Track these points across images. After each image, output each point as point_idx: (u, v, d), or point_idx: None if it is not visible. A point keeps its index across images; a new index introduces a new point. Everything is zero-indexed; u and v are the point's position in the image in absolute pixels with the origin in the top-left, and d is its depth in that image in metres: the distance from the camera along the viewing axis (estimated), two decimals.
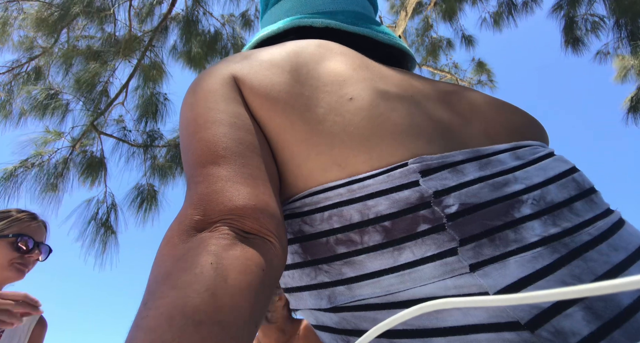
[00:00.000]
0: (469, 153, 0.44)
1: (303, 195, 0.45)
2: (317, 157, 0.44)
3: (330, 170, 0.44)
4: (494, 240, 0.38)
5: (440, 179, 0.41)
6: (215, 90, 0.48)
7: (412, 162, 0.42)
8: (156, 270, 0.34)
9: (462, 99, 0.53)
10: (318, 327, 0.46)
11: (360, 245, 0.40)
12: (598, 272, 0.37)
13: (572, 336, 0.33)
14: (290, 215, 0.46)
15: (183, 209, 0.39)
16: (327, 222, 0.43)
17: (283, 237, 0.40)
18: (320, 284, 0.43)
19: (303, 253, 0.44)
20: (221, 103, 0.47)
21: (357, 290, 0.40)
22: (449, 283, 0.37)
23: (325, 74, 0.50)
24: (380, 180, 0.41)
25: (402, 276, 0.38)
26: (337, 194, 0.43)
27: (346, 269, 0.41)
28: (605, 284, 0.19)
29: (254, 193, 0.39)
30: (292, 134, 0.46)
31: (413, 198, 0.40)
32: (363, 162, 0.43)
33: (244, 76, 0.50)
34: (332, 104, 0.46)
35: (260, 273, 0.35)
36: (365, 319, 0.40)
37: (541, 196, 0.41)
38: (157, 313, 0.30)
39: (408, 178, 0.41)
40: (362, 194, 0.42)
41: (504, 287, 0.36)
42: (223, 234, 0.35)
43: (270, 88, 0.48)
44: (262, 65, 0.51)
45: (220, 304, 0.30)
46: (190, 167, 0.43)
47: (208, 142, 0.43)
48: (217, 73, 0.51)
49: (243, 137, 0.44)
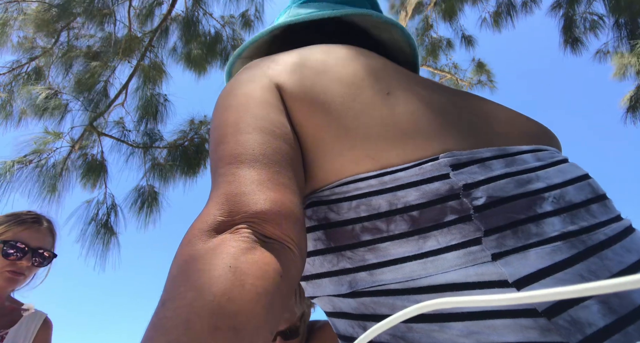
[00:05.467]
0: (496, 151, 0.46)
1: (334, 185, 0.46)
2: (350, 151, 0.46)
3: (362, 163, 0.45)
4: (516, 232, 0.40)
5: (469, 173, 0.43)
6: (257, 96, 0.50)
7: (443, 157, 0.44)
8: (175, 269, 0.34)
9: (482, 105, 0.57)
10: (334, 314, 0.47)
11: (385, 233, 0.42)
12: (613, 270, 0.39)
13: (589, 326, 0.35)
14: (317, 203, 0.47)
15: (207, 208, 0.39)
16: (354, 211, 0.44)
17: (303, 246, 0.41)
18: (342, 270, 0.44)
19: (326, 240, 0.46)
20: (263, 110, 0.48)
21: (379, 276, 0.42)
22: (470, 271, 0.38)
23: (361, 71, 0.52)
24: (411, 172, 0.43)
25: (424, 263, 0.40)
26: (368, 185, 0.44)
27: (369, 255, 0.42)
28: (608, 283, 0.19)
29: (281, 199, 0.39)
30: (328, 131, 0.47)
31: (443, 189, 0.42)
32: (396, 155, 0.45)
33: (284, 82, 0.52)
34: (370, 98, 0.49)
35: (278, 279, 0.35)
36: (383, 304, 0.41)
37: (561, 195, 0.43)
38: (174, 315, 0.30)
39: (439, 171, 0.43)
40: (393, 185, 0.43)
41: (524, 276, 0.37)
42: (243, 237, 0.36)
43: (308, 92, 0.50)
44: (299, 71, 0.53)
45: (237, 309, 0.30)
46: (221, 166, 0.43)
47: (246, 146, 0.43)
48: (258, 78, 0.52)
49: (280, 146, 0.45)
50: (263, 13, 5.42)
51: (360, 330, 0.43)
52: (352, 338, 0.44)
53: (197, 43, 5.13)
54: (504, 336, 0.36)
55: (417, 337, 0.39)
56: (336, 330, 0.47)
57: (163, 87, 5.11)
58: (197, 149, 4.99)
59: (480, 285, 0.38)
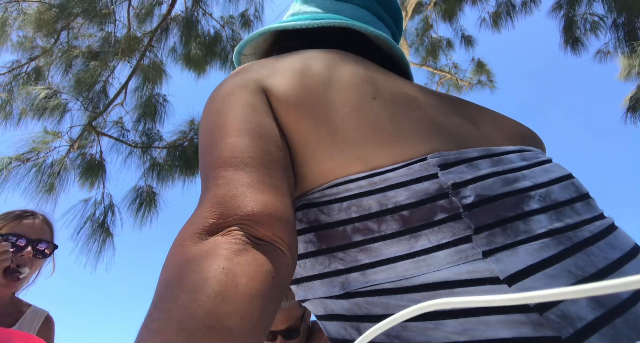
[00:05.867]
0: (483, 151, 0.47)
1: (323, 187, 0.47)
2: (340, 153, 0.47)
3: (352, 165, 0.46)
4: (505, 230, 0.41)
5: (457, 173, 0.44)
6: (244, 99, 0.50)
7: (431, 157, 0.45)
8: (167, 271, 0.34)
9: (469, 108, 0.58)
10: (326, 317, 0.47)
11: (377, 233, 0.42)
12: (599, 265, 0.40)
13: (579, 320, 0.36)
14: (308, 205, 0.48)
15: (198, 211, 0.39)
16: (345, 212, 0.45)
17: (294, 248, 0.41)
18: (334, 272, 0.44)
19: (318, 242, 0.46)
20: (251, 114, 0.48)
21: (372, 276, 0.42)
22: (462, 269, 0.39)
23: (347, 75, 0.53)
24: (401, 173, 0.44)
25: (417, 262, 0.40)
26: (358, 186, 0.45)
27: (361, 256, 0.43)
28: (600, 285, 0.19)
29: (272, 201, 0.40)
30: (317, 135, 0.48)
31: (432, 189, 0.43)
32: (385, 157, 0.46)
33: (271, 86, 0.52)
34: (356, 102, 0.50)
35: (270, 280, 0.35)
36: (377, 304, 0.41)
37: (546, 194, 0.45)
38: (167, 316, 0.30)
39: (428, 171, 0.44)
40: (383, 185, 0.44)
41: (514, 272, 0.38)
42: (235, 239, 0.36)
43: (296, 95, 0.51)
44: (287, 75, 0.53)
45: (231, 310, 0.30)
46: (211, 169, 0.43)
47: (235, 149, 0.44)
48: (246, 83, 0.53)
49: (269, 148, 0.45)
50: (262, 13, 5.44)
51: (354, 331, 0.43)
52: (345, 340, 0.44)
53: (196, 43, 5.14)
54: (497, 332, 0.36)
55: (411, 335, 0.39)
56: (328, 334, 0.47)
57: (162, 87, 5.13)
58: (196, 149, 4.99)
59: (472, 282, 0.38)
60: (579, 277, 0.39)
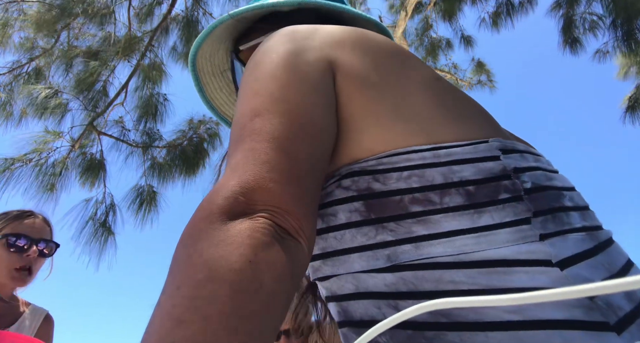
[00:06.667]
0: (525, 147, 0.50)
1: (381, 155, 0.46)
2: (405, 124, 0.47)
3: (416, 136, 0.46)
4: (555, 218, 0.43)
5: (515, 159, 0.46)
6: (313, 77, 0.48)
7: (492, 140, 0.47)
8: (189, 245, 0.34)
9: None
10: (354, 295, 0.45)
11: (439, 205, 0.42)
12: (618, 265, 0.43)
13: (619, 309, 0.38)
14: (360, 172, 0.46)
15: (230, 180, 0.38)
16: (404, 181, 0.44)
17: (313, 241, 0.42)
18: (380, 243, 0.43)
19: (366, 211, 0.44)
20: (321, 95, 0.47)
21: (426, 249, 0.41)
22: (522, 248, 0.40)
23: (404, 52, 0.55)
24: (467, 150, 0.45)
25: (478, 237, 0.41)
26: (421, 157, 0.45)
27: (418, 227, 0.42)
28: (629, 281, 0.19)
29: (304, 197, 0.40)
30: (381, 103, 0.48)
31: (496, 169, 0.44)
32: (450, 133, 0.46)
33: (336, 59, 0.51)
34: (422, 80, 0.51)
35: (290, 282, 0.35)
36: (427, 279, 0.40)
37: (571, 196, 0.48)
38: (192, 306, 0.30)
39: (491, 152, 0.45)
40: (448, 159, 0.44)
41: (565, 257, 0.40)
42: (263, 228, 0.35)
43: (362, 69, 0.50)
44: (349, 48, 0.52)
45: (255, 309, 0.31)
46: (258, 141, 0.41)
47: (288, 131, 0.42)
48: (312, 55, 0.51)
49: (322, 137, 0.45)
50: None
51: (390, 310, 0.41)
52: (373, 321, 0.42)
53: None
54: (551, 313, 0.37)
55: (463, 313, 0.38)
56: (348, 317, 0.45)
57: (163, 87, 5.11)
58: (196, 148, 4.99)
59: (528, 262, 0.39)
60: (612, 272, 0.41)
